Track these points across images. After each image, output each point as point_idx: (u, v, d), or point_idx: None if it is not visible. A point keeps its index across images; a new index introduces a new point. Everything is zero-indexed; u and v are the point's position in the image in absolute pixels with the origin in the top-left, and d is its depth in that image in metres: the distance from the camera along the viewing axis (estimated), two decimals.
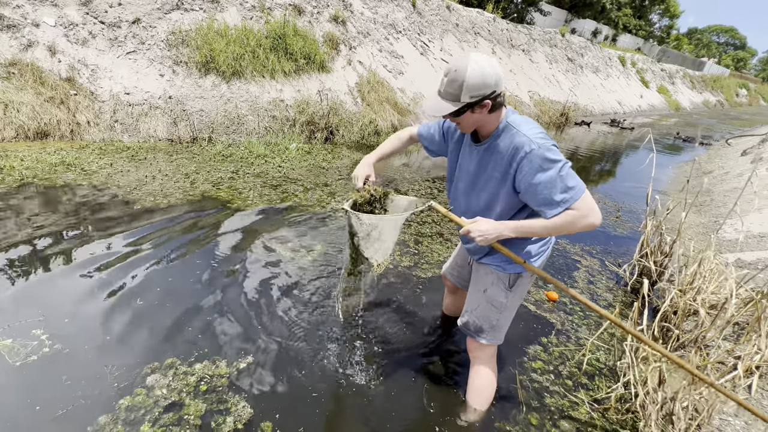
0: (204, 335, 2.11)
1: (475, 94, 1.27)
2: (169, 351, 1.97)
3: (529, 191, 1.32)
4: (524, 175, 1.31)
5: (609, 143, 10.56)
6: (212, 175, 4.47)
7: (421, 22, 11.12)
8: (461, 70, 1.25)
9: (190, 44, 5.98)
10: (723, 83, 37.34)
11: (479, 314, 1.65)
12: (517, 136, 1.33)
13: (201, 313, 2.27)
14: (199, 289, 2.49)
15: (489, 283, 1.61)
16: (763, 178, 5.84)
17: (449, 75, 1.28)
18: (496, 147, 1.39)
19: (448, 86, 1.29)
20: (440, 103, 1.33)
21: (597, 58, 20.06)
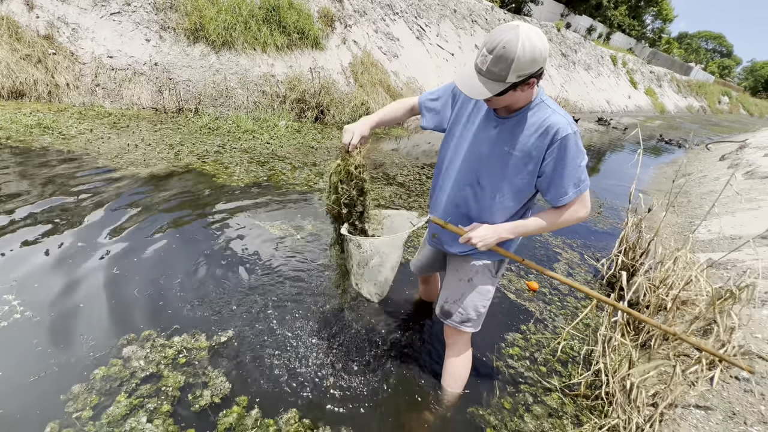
0: (184, 308, 2.08)
1: (523, 73, 1.12)
2: (147, 323, 1.94)
3: (554, 175, 1.28)
4: (556, 158, 1.25)
5: (595, 141, 10.72)
6: (198, 147, 4.36)
7: (419, 5, 10.93)
8: (511, 45, 1.08)
9: (179, 9, 5.73)
10: (707, 89, 38.18)
11: (466, 304, 1.60)
12: (554, 116, 1.25)
13: (181, 286, 2.24)
14: (180, 262, 2.45)
15: (474, 272, 1.58)
16: (738, 182, 6.05)
17: (496, 51, 1.09)
18: (524, 122, 1.28)
19: (493, 64, 1.11)
20: (481, 83, 1.16)
21: (590, 56, 20.19)
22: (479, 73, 1.16)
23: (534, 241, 3.69)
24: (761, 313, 2.54)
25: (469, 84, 1.18)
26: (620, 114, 18.93)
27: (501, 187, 1.37)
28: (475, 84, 1.17)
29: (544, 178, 1.31)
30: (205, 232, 2.82)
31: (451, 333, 1.72)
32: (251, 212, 3.20)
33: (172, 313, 2.04)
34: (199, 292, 2.22)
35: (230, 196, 3.42)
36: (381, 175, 4.63)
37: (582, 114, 15.27)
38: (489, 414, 1.80)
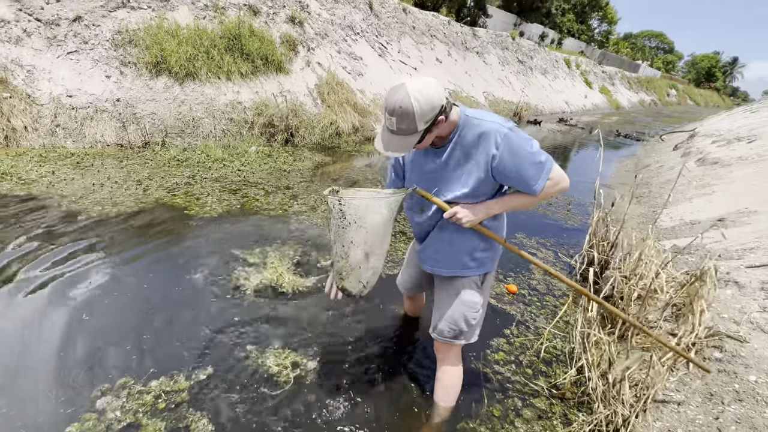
0: (160, 349, 2.02)
1: (428, 118, 1.26)
2: (122, 369, 1.87)
3: (510, 172, 1.36)
4: (505, 157, 1.34)
5: (559, 140, 11.17)
6: (167, 180, 4.29)
7: (379, 24, 11.21)
8: (405, 103, 1.22)
9: (139, 44, 5.68)
10: (655, 84, 40.59)
11: (456, 318, 1.63)
12: (484, 125, 1.35)
13: (156, 326, 2.18)
14: (152, 300, 2.39)
15: (460, 286, 1.62)
16: (692, 170, 6.44)
17: (396, 112, 1.24)
18: (461, 142, 1.39)
19: (399, 122, 1.26)
20: (400, 140, 1.30)
21: (545, 61, 21.14)
22: (394, 134, 1.30)
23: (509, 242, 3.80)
24: (725, 293, 2.68)
25: (391, 144, 1.32)
26: (579, 113, 19.81)
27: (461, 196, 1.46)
28: (396, 142, 1.31)
29: (507, 178, 1.39)
30: (177, 267, 2.77)
31: (442, 348, 1.73)
32: (225, 242, 3.17)
33: (148, 356, 1.98)
34: (175, 330, 2.17)
35: (202, 227, 3.38)
36: None
37: (544, 116, 15.90)
38: (479, 424, 1.82)
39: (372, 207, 1.43)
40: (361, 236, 1.45)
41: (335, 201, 1.41)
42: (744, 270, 2.83)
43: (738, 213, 3.95)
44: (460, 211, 1.41)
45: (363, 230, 1.44)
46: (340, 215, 1.43)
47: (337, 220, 1.45)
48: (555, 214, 4.89)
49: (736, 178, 5.26)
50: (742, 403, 1.78)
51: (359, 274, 1.53)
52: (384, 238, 1.51)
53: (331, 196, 1.42)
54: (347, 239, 1.46)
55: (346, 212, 1.41)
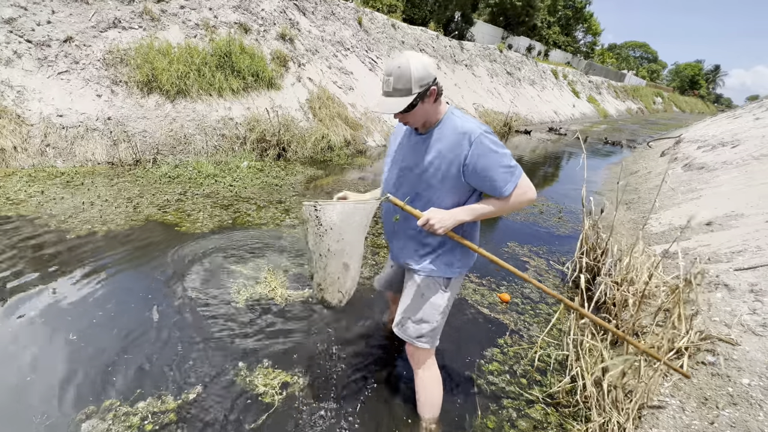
0: (148, 369, 1.99)
1: (423, 83, 1.35)
2: (108, 391, 1.83)
3: (479, 173, 1.40)
4: (475, 157, 1.39)
5: (549, 149, 11.32)
6: (158, 198, 4.27)
7: (368, 39, 11.40)
8: (405, 65, 1.33)
9: (130, 63, 5.71)
10: (641, 93, 41.49)
11: (419, 318, 1.64)
12: (463, 122, 1.43)
13: (144, 345, 2.15)
14: (141, 319, 2.36)
15: (425, 286, 1.62)
16: (679, 175, 6.54)
17: (394, 73, 1.34)
18: (442, 133, 1.46)
19: (396, 83, 1.34)
20: (393, 101, 1.37)
21: (533, 72, 21.54)
22: (388, 95, 1.38)
23: (502, 253, 3.82)
24: (715, 296, 2.70)
25: (385, 105, 1.38)
26: (568, 122, 20.12)
27: (437, 191, 1.49)
28: (390, 102, 1.37)
29: (477, 178, 1.42)
30: (166, 284, 2.74)
31: (411, 351, 1.73)
32: (216, 258, 3.15)
33: (135, 376, 1.94)
34: (163, 349, 2.14)
35: (194, 243, 3.35)
36: None
37: (534, 125, 16.13)
38: None
39: (347, 213, 1.44)
40: (338, 245, 1.45)
41: (311, 208, 1.42)
42: (733, 273, 2.85)
43: (725, 216, 4.01)
44: (433, 217, 1.42)
45: (340, 238, 1.44)
46: (316, 222, 1.43)
47: (313, 228, 1.45)
48: (546, 222, 4.92)
49: (722, 182, 5.35)
50: (736, 407, 1.77)
51: (339, 285, 1.52)
52: (360, 245, 1.52)
53: (306, 203, 1.44)
54: (324, 248, 1.46)
55: (322, 219, 1.42)
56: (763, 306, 2.36)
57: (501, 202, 1.45)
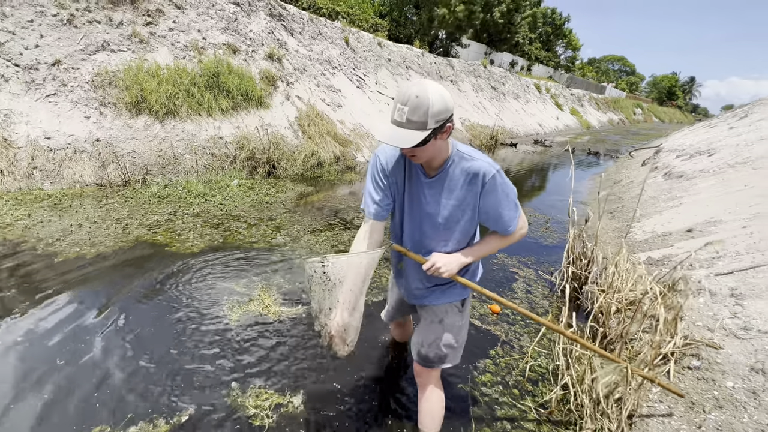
0: (139, 392, 1.97)
1: (440, 118, 1.24)
2: (98, 417, 1.80)
3: (492, 211, 1.43)
4: (490, 197, 1.40)
5: (535, 161, 11.55)
6: (147, 218, 4.26)
7: (355, 57, 11.62)
8: (423, 96, 1.21)
9: (119, 85, 5.74)
10: (622, 104, 42.75)
11: (440, 344, 1.63)
12: (475, 162, 1.39)
13: (134, 368, 2.13)
14: (130, 342, 2.34)
15: (443, 312, 1.64)
16: (660, 184, 6.73)
17: (410, 102, 1.21)
18: (452, 175, 1.41)
19: (412, 114, 1.22)
20: (405, 134, 1.24)
21: (517, 86, 22.09)
22: (400, 126, 1.25)
23: (492, 264, 3.88)
24: (698, 301, 2.78)
25: (395, 137, 1.25)
26: (553, 134, 20.58)
27: (450, 233, 1.50)
28: (401, 135, 1.24)
29: (486, 216, 1.46)
30: (157, 305, 2.73)
31: (423, 372, 1.72)
32: (207, 277, 3.15)
33: (126, 400, 1.92)
34: (155, 371, 2.12)
35: (184, 263, 3.35)
36: (338, 221, 4.72)
37: (519, 138, 16.46)
38: None
39: (355, 265, 1.41)
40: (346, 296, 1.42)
41: (316, 264, 1.37)
42: (714, 278, 2.94)
43: (705, 223, 4.14)
44: (438, 262, 1.43)
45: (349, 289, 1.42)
46: (323, 279, 1.39)
47: (320, 285, 1.40)
48: (534, 233, 5.02)
49: (701, 189, 5.52)
50: (722, 410, 1.81)
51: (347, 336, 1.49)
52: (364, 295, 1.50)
53: (311, 259, 1.38)
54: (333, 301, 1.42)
55: (329, 273, 1.38)
56: (743, 309, 2.44)
57: (502, 239, 1.49)
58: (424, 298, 1.66)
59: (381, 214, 1.52)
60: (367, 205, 1.52)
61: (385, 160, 1.51)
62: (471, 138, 13.28)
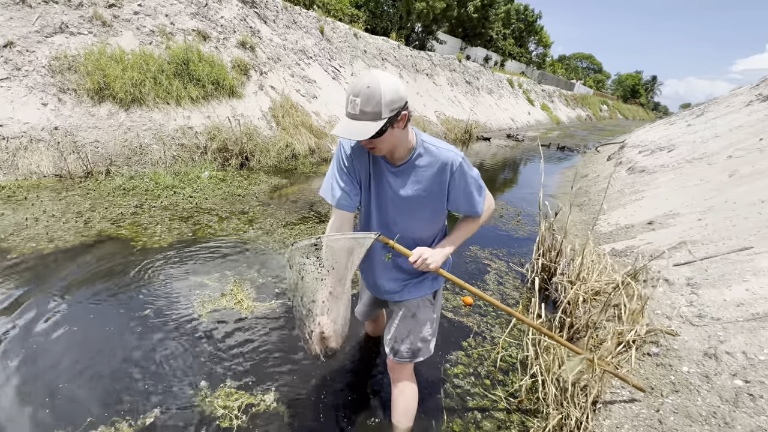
0: (102, 395, 1.89)
1: (394, 107, 1.23)
2: (54, 423, 1.71)
3: (462, 198, 1.46)
4: (459, 184, 1.43)
5: (508, 155, 11.80)
6: (111, 211, 4.07)
7: (331, 48, 11.44)
8: (374, 86, 1.19)
9: (79, 70, 5.42)
10: (589, 101, 44.23)
11: (414, 338, 1.64)
12: (441, 152, 1.40)
13: (94, 369, 2.04)
14: (94, 341, 2.25)
15: (416, 307, 1.65)
16: (624, 178, 7.03)
17: (362, 93, 1.19)
18: (419, 166, 1.42)
19: (364, 105, 1.20)
20: (360, 126, 1.22)
21: (490, 81, 22.40)
22: (355, 119, 1.23)
23: (465, 256, 3.95)
24: (657, 291, 2.93)
25: (351, 130, 1.23)
26: (525, 129, 21.05)
27: (419, 222, 1.52)
28: (356, 127, 1.22)
29: (456, 203, 1.49)
30: (119, 302, 2.63)
31: (396, 367, 1.71)
32: (175, 272, 3.05)
33: (85, 404, 1.83)
34: (117, 371, 2.04)
35: (151, 258, 3.23)
36: (313, 214, 4.68)
37: (492, 132, 16.75)
38: None
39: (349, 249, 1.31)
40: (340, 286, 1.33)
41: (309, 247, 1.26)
42: (672, 268, 3.11)
43: (664, 216, 4.36)
44: (424, 253, 1.42)
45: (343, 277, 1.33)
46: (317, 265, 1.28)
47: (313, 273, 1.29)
48: (506, 225, 5.14)
49: (661, 183, 5.81)
50: (678, 394, 1.91)
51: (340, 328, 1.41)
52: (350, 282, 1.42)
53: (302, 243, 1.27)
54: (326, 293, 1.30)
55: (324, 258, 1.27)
56: (698, 298, 2.59)
57: (475, 221, 1.54)
58: (395, 294, 1.66)
59: (350, 204, 1.48)
60: (334, 194, 1.47)
61: (350, 151, 1.47)
62: (446, 131, 13.39)
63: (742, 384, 1.79)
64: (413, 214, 1.49)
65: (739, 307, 2.30)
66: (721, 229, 3.44)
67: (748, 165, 4.90)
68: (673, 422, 1.77)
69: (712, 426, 1.68)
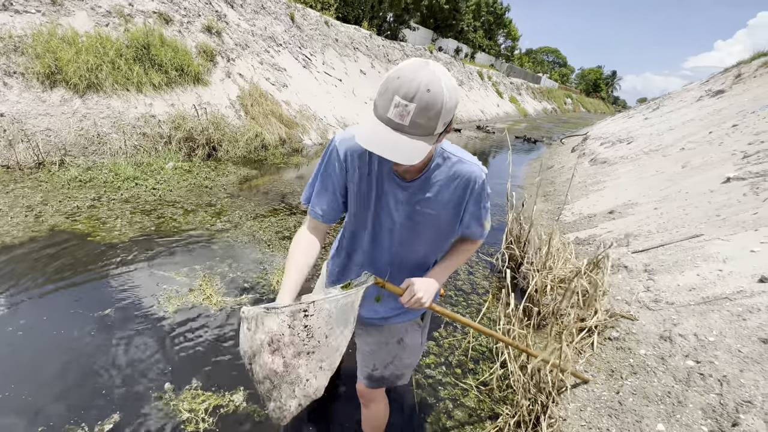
0: (54, 400, 1.79)
1: (447, 120, 0.91)
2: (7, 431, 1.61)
3: (473, 218, 1.23)
4: (475, 203, 1.20)
5: (478, 146, 12.00)
6: (66, 204, 3.83)
7: (302, 36, 11.15)
8: (437, 90, 0.85)
9: (27, 52, 5.02)
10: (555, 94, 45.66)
11: (399, 365, 1.42)
12: (464, 166, 1.15)
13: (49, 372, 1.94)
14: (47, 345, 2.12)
15: (403, 332, 1.39)
16: (587, 169, 7.32)
17: (420, 98, 0.84)
18: (436, 180, 1.14)
19: (419, 116, 0.86)
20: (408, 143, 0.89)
21: (461, 73, 22.61)
22: (400, 131, 0.89)
23: None
24: (617, 277, 3.08)
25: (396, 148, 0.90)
26: (494, 120, 21.45)
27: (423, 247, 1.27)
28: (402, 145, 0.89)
29: (466, 224, 1.25)
30: (75, 300, 2.50)
31: (367, 392, 1.48)
32: (136, 268, 2.92)
33: (40, 409, 1.73)
34: (75, 374, 1.94)
35: (109, 254, 3.07)
36: (284, 206, 4.59)
37: (463, 124, 16.96)
38: None
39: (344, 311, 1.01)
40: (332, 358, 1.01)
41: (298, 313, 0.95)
42: (631, 255, 3.28)
43: (624, 205, 4.58)
44: (418, 292, 1.15)
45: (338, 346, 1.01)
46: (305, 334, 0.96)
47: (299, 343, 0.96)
48: None
49: (621, 174, 6.09)
50: (636, 376, 2.01)
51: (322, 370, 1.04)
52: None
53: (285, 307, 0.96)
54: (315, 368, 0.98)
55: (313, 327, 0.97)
56: (654, 284, 2.75)
57: (474, 245, 1.33)
58: (379, 319, 1.37)
59: (331, 218, 1.23)
60: (313, 206, 1.22)
61: (345, 154, 1.16)
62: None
63: (693, 364, 1.92)
64: (419, 238, 1.22)
65: (691, 292, 2.46)
66: (675, 218, 3.66)
67: (699, 156, 5.22)
68: (632, 403, 1.88)
69: (666, 405, 1.79)
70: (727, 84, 8.75)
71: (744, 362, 1.80)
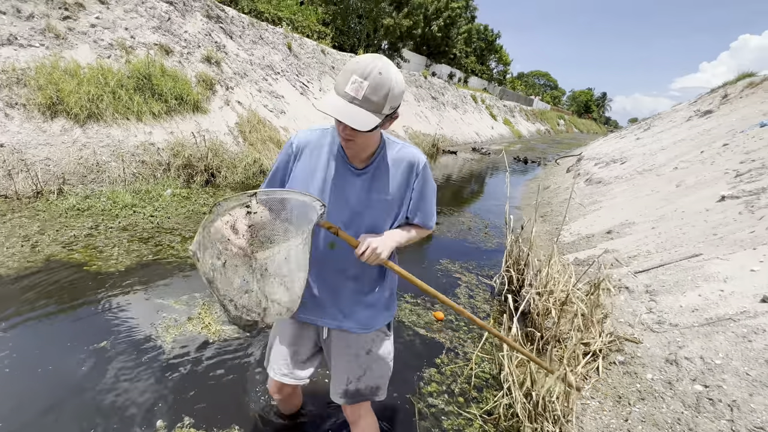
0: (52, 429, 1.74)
1: (394, 104, 1.09)
2: None
3: (421, 203, 1.32)
4: (421, 188, 1.30)
5: (474, 168, 12.12)
6: (63, 233, 3.81)
7: (299, 64, 11.43)
8: (387, 75, 1.03)
9: (29, 84, 5.10)
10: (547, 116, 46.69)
11: (372, 374, 1.42)
12: (406, 149, 1.28)
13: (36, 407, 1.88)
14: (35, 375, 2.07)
15: (370, 342, 1.40)
16: (583, 189, 7.38)
17: (372, 78, 1.02)
18: (384, 166, 1.26)
19: (371, 93, 1.03)
20: (361, 114, 1.04)
21: (455, 97, 23.10)
22: (354, 103, 1.04)
23: (435, 270, 3.98)
24: (620, 299, 3.05)
25: (350, 114, 1.04)
26: (489, 142, 21.77)
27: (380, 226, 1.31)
28: (356, 114, 1.04)
29: (414, 207, 1.33)
30: (69, 331, 2.44)
31: (354, 409, 1.47)
32: (132, 297, 2.88)
33: None
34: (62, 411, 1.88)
35: (106, 283, 3.03)
36: None
37: (458, 146, 17.19)
38: None
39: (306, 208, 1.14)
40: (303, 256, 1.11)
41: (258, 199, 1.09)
42: (632, 276, 3.26)
43: (621, 225, 4.60)
44: (373, 242, 1.18)
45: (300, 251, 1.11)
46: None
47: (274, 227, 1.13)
48: (474, 237, 5.24)
49: (616, 194, 6.14)
50: (644, 402, 1.96)
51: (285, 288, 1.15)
52: None
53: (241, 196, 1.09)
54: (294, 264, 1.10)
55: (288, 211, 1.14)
56: (656, 305, 2.72)
57: (421, 231, 1.38)
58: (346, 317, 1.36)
59: None
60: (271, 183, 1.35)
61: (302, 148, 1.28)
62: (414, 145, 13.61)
63: (702, 389, 1.88)
64: (372, 222, 1.28)
65: (694, 313, 2.43)
66: (673, 237, 3.67)
67: (692, 176, 5.28)
68: (642, 431, 1.83)
69: None
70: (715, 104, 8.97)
71: (753, 386, 1.77)
